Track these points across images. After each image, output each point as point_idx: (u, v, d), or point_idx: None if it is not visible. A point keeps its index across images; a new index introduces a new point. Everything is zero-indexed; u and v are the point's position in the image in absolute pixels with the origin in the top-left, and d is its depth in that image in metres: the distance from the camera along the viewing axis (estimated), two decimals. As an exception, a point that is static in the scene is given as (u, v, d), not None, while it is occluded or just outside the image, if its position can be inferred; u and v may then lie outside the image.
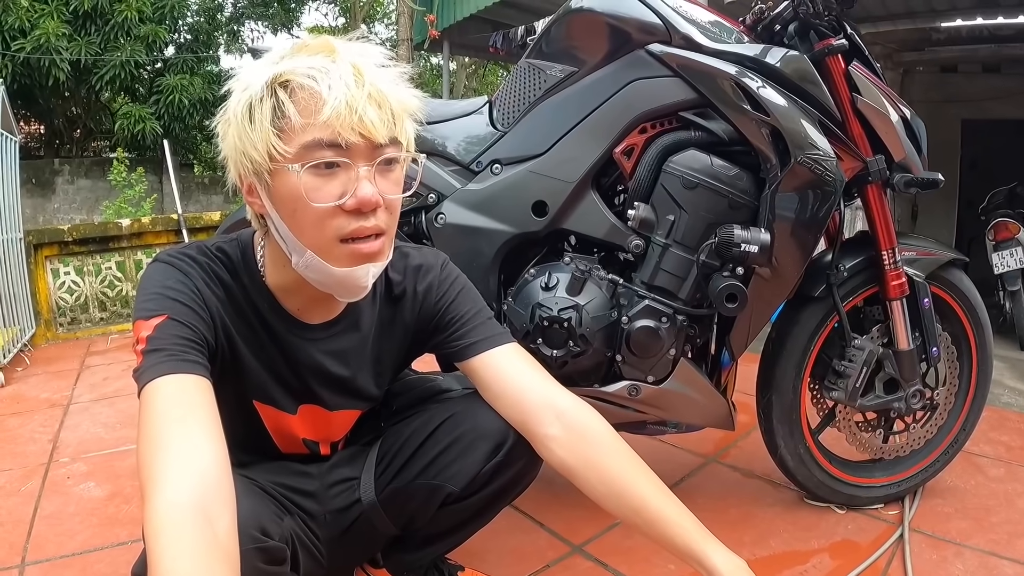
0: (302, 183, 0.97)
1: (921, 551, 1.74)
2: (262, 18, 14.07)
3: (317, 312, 1.20)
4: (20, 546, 1.81)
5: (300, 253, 1.04)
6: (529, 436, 1.20)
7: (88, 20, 10.80)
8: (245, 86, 0.99)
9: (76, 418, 2.78)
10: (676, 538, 1.06)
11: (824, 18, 1.63)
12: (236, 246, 1.16)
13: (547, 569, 1.69)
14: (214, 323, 1.08)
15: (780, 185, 1.56)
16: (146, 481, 0.85)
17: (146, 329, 0.98)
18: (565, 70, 1.72)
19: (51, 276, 4.32)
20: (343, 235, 1.01)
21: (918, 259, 1.82)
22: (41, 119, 12.83)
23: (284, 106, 0.96)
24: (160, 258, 1.10)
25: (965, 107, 7.23)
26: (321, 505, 1.31)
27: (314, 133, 0.95)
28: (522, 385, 1.21)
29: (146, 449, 0.88)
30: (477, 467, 1.25)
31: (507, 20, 6.61)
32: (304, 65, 0.97)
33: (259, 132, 0.97)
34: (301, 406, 1.26)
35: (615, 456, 1.14)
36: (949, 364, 1.91)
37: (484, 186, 1.75)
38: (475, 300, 1.30)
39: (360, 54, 1.00)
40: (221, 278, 1.12)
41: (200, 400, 0.94)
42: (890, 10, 5.32)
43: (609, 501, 1.12)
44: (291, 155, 0.96)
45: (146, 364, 0.95)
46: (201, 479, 0.85)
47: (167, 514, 0.81)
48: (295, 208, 1.00)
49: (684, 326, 1.67)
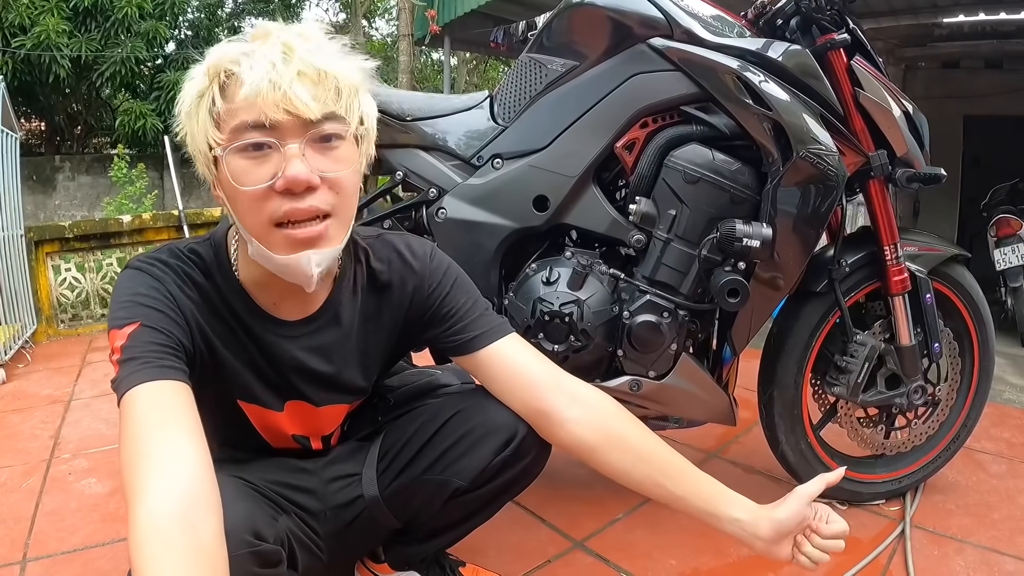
0: (230, 167, 0.97)
1: (922, 547, 1.74)
2: (263, 14, 13.99)
3: (294, 307, 1.17)
4: (22, 542, 1.81)
5: (250, 241, 1.03)
6: (547, 420, 1.21)
7: (88, 16, 10.76)
8: (191, 77, 1.00)
9: (77, 414, 2.78)
10: (701, 503, 1.13)
11: (826, 12, 1.62)
12: (209, 246, 1.14)
13: (548, 564, 1.69)
14: (189, 327, 1.07)
15: (782, 180, 1.56)
16: (129, 491, 0.85)
17: (120, 338, 0.97)
18: (566, 64, 1.71)
19: (52, 273, 4.31)
20: (276, 218, 0.98)
21: (920, 255, 1.81)
22: (42, 116, 12.80)
23: (215, 94, 0.96)
24: (131, 264, 1.08)
25: (967, 103, 7.20)
26: (321, 502, 1.30)
27: (240, 116, 0.95)
28: (532, 374, 1.22)
29: (127, 458, 0.88)
30: (486, 461, 1.25)
31: (508, 15, 6.59)
32: (234, 51, 0.97)
33: (199, 123, 0.98)
34: (287, 402, 1.24)
35: (635, 432, 1.18)
36: (951, 360, 1.91)
37: (485, 181, 1.74)
38: (469, 291, 1.28)
39: (296, 34, 0.99)
40: (195, 280, 1.11)
41: (179, 405, 0.94)
42: (892, 5, 5.30)
43: (633, 476, 1.16)
44: (223, 140, 0.96)
45: (123, 373, 0.94)
46: (183, 485, 0.85)
47: (149, 523, 0.81)
48: (233, 195, 0.99)
49: (685, 321, 1.67)
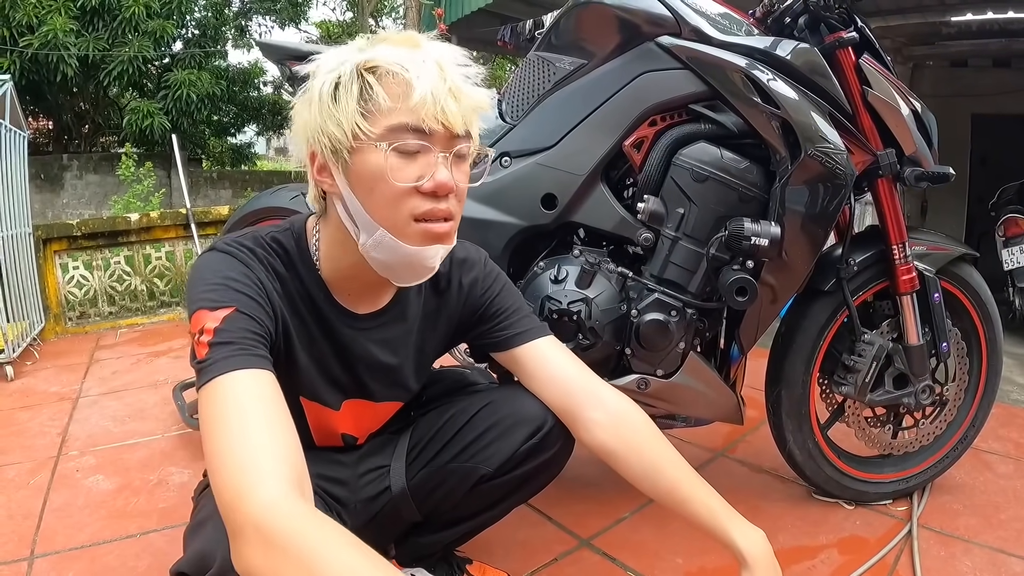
0: (388, 162, 1.00)
1: (929, 547, 1.74)
2: (270, 12, 14.03)
3: (367, 301, 1.22)
4: (29, 539, 1.81)
5: (371, 231, 1.06)
6: (573, 419, 1.26)
7: (96, 16, 10.79)
8: (331, 68, 1.03)
9: (85, 412, 2.78)
10: (704, 517, 1.16)
11: (834, 11, 1.62)
12: (290, 236, 1.17)
13: (555, 563, 1.69)
14: (276, 318, 1.09)
15: (790, 178, 1.56)
16: (236, 476, 0.83)
17: (212, 320, 0.98)
18: (574, 63, 1.72)
19: (60, 271, 4.32)
20: (417, 214, 1.04)
21: (928, 254, 1.81)
22: (49, 115, 12.85)
23: (372, 89, 1.00)
24: (218, 247, 1.10)
25: (975, 102, 7.18)
26: (353, 494, 1.34)
27: (400, 117, 1.00)
28: (568, 373, 1.28)
29: (226, 444, 0.87)
30: (513, 448, 1.29)
31: (515, 14, 6.59)
32: (392, 54, 1.01)
33: (344, 112, 1.01)
34: (345, 402, 1.28)
35: (653, 441, 1.23)
36: (959, 360, 1.91)
37: (493, 179, 1.74)
38: (516, 295, 1.37)
39: (442, 51, 1.04)
40: (278, 271, 1.13)
41: (278, 397, 0.95)
42: (900, 4, 5.29)
43: (645, 482, 1.20)
44: (376, 135, 1.01)
45: (215, 356, 0.94)
46: (298, 478, 0.86)
47: (286, 509, 0.81)
48: (374, 186, 1.03)
49: (693, 320, 1.66)
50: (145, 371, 3.31)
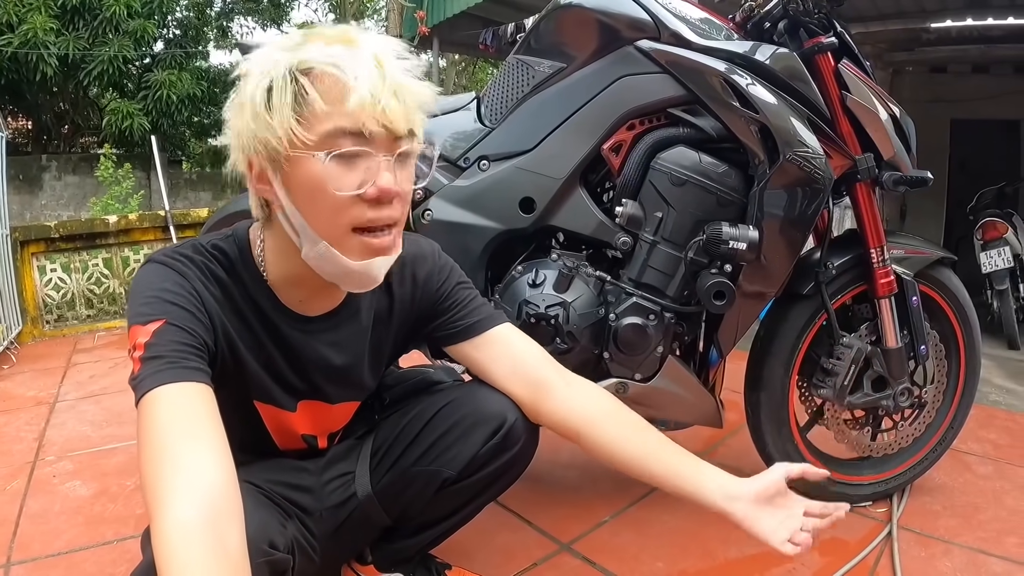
0: (327, 170, 0.97)
1: (909, 548, 1.75)
2: (252, 14, 13.97)
3: (318, 304, 1.19)
4: (5, 545, 1.79)
5: (313, 243, 1.04)
6: (540, 400, 1.26)
7: (76, 15, 10.70)
8: (263, 70, 0.98)
9: (62, 416, 2.75)
10: (676, 476, 1.16)
11: (814, 16, 1.62)
12: (232, 242, 1.14)
13: (535, 567, 1.68)
14: (214, 326, 1.06)
15: (769, 182, 1.56)
16: (153, 497, 0.83)
17: (143, 335, 0.96)
18: (553, 66, 1.71)
19: (38, 273, 4.28)
20: (358, 224, 1.01)
21: (907, 257, 1.82)
22: (28, 115, 12.72)
23: (307, 93, 0.95)
24: (154, 259, 1.07)
25: (954, 107, 7.25)
26: (318, 502, 1.31)
27: (337, 121, 0.95)
28: (528, 356, 1.30)
29: (151, 462, 0.86)
30: (475, 449, 1.28)
31: (497, 17, 6.58)
32: (327, 53, 0.96)
33: (279, 117, 0.96)
34: (300, 402, 1.25)
35: (620, 413, 1.24)
36: (937, 362, 1.92)
37: (471, 182, 1.74)
38: (470, 286, 1.36)
39: (380, 45, 1.00)
40: (219, 277, 1.11)
41: (204, 410, 0.93)
42: (880, 10, 5.33)
43: (615, 454, 1.20)
44: (313, 142, 0.96)
45: (145, 372, 0.93)
46: (210, 495, 0.84)
47: (178, 532, 0.80)
48: (314, 196, 0.99)
49: (672, 324, 1.66)
50: (123, 375, 3.23)
